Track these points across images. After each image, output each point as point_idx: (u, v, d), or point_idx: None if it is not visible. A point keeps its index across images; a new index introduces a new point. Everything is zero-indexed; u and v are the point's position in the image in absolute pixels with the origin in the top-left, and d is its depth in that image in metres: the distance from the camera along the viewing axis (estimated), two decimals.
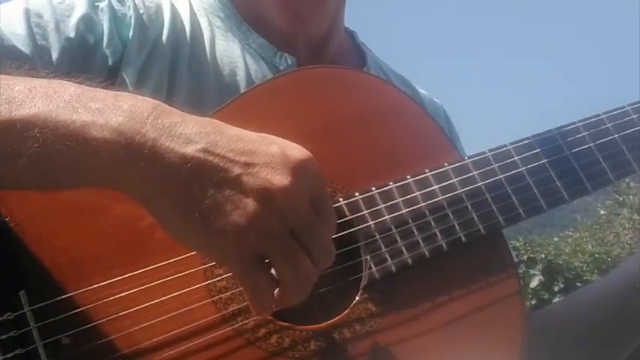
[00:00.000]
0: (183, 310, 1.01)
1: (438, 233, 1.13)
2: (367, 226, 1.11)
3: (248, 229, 0.84)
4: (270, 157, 0.87)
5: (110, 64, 1.20)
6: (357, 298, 1.09)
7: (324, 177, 0.92)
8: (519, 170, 1.19)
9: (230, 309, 1.03)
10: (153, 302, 1.00)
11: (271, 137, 0.91)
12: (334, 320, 1.07)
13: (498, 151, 1.20)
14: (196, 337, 1.01)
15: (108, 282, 0.99)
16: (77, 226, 1.02)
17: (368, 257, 1.10)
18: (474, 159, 1.19)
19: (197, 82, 1.26)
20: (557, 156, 1.21)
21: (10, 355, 0.93)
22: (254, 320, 1.03)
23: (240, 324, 1.03)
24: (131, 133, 0.85)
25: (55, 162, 0.86)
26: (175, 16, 1.30)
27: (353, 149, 1.17)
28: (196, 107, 1.19)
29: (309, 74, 1.24)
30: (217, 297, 1.03)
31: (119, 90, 0.93)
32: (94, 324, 0.98)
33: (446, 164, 1.17)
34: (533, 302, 13.38)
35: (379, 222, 1.12)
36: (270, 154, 0.87)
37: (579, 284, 13.86)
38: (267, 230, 0.85)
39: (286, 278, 0.89)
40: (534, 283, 14.23)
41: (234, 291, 1.03)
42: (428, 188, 1.15)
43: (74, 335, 0.97)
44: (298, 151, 0.89)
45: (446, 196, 1.15)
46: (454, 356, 1.09)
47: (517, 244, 14.54)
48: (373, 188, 1.13)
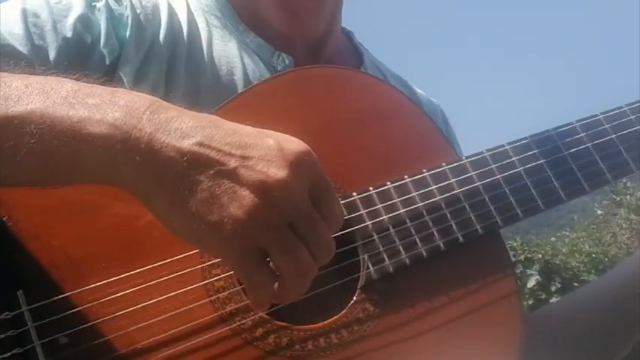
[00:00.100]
0: (180, 310, 1.01)
1: (436, 233, 1.13)
2: (365, 226, 1.11)
3: (245, 222, 0.84)
4: (266, 150, 0.87)
5: (107, 64, 1.20)
6: (355, 299, 1.09)
7: (323, 169, 0.92)
8: (517, 170, 1.19)
9: (228, 308, 1.03)
10: (150, 302, 1.00)
11: (268, 131, 0.91)
12: (332, 320, 1.07)
13: (496, 151, 1.20)
14: (194, 337, 1.01)
15: (105, 282, 0.99)
16: (75, 226, 1.02)
17: (365, 257, 1.10)
18: (472, 159, 1.19)
19: (194, 82, 1.26)
20: (554, 156, 1.21)
21: (8, 355, 0.93)
22: (252, 320, 1.03)
23: (237, 323, 1.03)
24: (127, 128, 0.85)
25: (52, 157, 0.86)
26: (172, 16, 1.29)
27: (350, 149, 1.17)
28: (193, 107, 1.19)
29: (306, 74, 1.24)
30: (215, 297, 1.03)
31: (116, 86, 0.93)
32: (92, 323, 0.98)
33: (443, 164, 1.17)
34: (530, 302, 13.39)
35: (377, 222, 1.12)
36: (266, 147, 0.87)
37: (576, 284, 13.87)
38: (264, 223, 0.85)
39: (285, 271, 0.88)
40: (531, 283, 14.24)
41: (231, 290, 1.03)
42: (425, 188, 1.15)
43: (72, 335, 0.97)
44: (295, 144, 0.89)
45: (443, 196, 1.15)
46: (452, 356, 1.09)
47: (514, 244, 14.55)
48: (371, 188, 1.13)
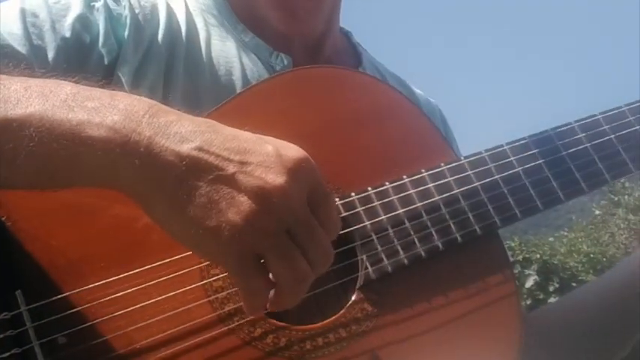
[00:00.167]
0: (179, 310, 1.01)
1: (434, 233, 1.13)
2: (363, 226, 1.11)
3: (243, 228, 0.84)
4: (264, 156, 0.87)
5: (106, 64, 1.20)
6: (353, 299, 1.09)
7: (321, 176, 0.92)
8: (515, 170, 1.19)
9: (226, 309, 1.03)
10: (149, 302, 1.00)
11: (266, 137, 0.91)
12: (330, 320, 1.07)
13: (494, 152, 1.20)
14: (192, 337, 1.01)
15: (104, 282, 0.99)
16: (74, 226, 1.02)
17: (364, 257, 1.10)
18: (470, 159, 1.19)
19: (193, 82, 1.26)
20: (553, 156, 1.21)
21: (7, 355, 0.92)
22: (250, 320, 1.03)
23: (236, 324, 1.03)
24: (127, 132, 0.85)
25: (51, 160, 0.86)
26: (171, 16, 1.30)
27: (349, 149, 1.17)
28: (192, 107, 1.19)
29: (305, 74, 1.24)
30: (213, 297, 1.03)
31: (115, 89, 0.93)
32: (91, 323, 0.98)
33: (442, 164, 1.17)
34: (528, 302, 13.40)
35: (375, 222, 1.12)
36: (264, 153, 0.87)
37: (574, 284, 13.88)
38: (262, 229, 0.85)
39: (281, 279, 0.88)
40: (529, 283, 14.25)
41: (230, 291, 1.03)
42: (424, 188, 1.15)
43: (70, 335, 0.97)
44: (293, 151, 0.89)
45: (442, 197, 1.15)
46: (451, 356, 1.09)
47: (512, 244, 14.55)
48: (369, 188, 1.13)
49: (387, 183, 1.14)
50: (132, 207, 0.89)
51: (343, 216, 1.09)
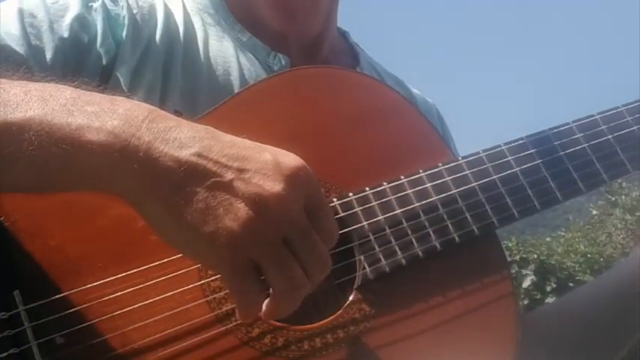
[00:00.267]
0: (177, 310, 1.01)
1: (432, 233, 1.13)
2: (361, 226, 1.11)
3: (239, 234, 0.84)
4: (262, 164, 0.87)
5: (104, 64, 1.20)
6: (351, 299, 1.09)
7: (319, 185, 0.92)
8: (513, 171, 1.19)
9: (224, 309, 1.03)
10: (147, 302, 1.00)
11: (265, 145, 0.91)
12: (328, 320, 1.07)
13: (492, 152, 1.20)
14: (190, 337, 1.01)
15: (102, 282, 0.99)
16: (72, 226, 1.02)
17: (362, 257, 1.10)
18: (468, 159, 1.19)
19: (191, 82, 1.26)
20: (551, 157, 1.21)
21: (4, 355, 0.92)
22: None
23: (234, 324, 1.03)
24: (126, 137, 0.85)
25: (51, 165, 0.86)
26: (169, 16, 1.30)
27: (346, 149, 1.17)
28: (190, 107, 1.19)
29: (303, 74, 1.24)
30: (211, 297, 1.03)
31: (114, 93, 0.93)
32: (88, 323, 0.98)
33: (440, 164, 1.17)
34: (525, 302, 13.40)
35: (373, 222, 1.12)
36: (262, 161, 0.87)
37: (572, 284, 13.89)
38: (258, 236, 0.85)
39: (277, 286, 0.88)
40: (527, 283, 14.25)
41: (227, 291, 1.03)
42: (422, 188, 1.15)
43: (68, 335, 0.97)
44: (291, 159, 0.90)
45: (440, 197, 1.15)
46: (448, 357, 1.09)
47: (509, 244, 14.55)
48: (367, 188, 1.13)
49: (385, 183, 1.14)
50: (130, 207, 0.89)
51: (341, 216, 1.10)
